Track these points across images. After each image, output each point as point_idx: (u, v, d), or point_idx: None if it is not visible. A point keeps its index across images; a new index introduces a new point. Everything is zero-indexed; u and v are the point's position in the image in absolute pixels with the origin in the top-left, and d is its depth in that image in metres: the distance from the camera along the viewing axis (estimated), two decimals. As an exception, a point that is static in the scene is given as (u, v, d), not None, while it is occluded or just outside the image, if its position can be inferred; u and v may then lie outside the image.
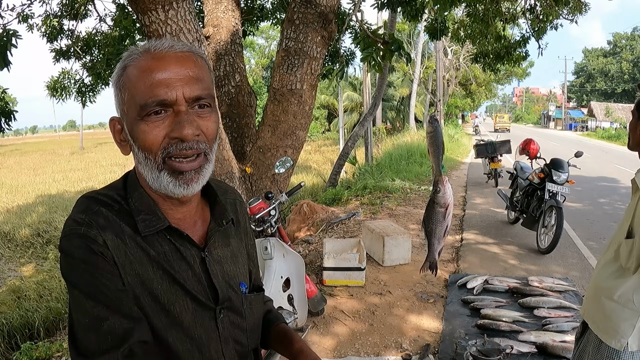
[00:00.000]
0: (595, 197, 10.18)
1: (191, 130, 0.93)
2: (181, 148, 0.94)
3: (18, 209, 15.39)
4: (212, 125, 0.98)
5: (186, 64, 0.94)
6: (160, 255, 0.98)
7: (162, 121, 0.93)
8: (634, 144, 1.92)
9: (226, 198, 1.17)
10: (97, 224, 0.93)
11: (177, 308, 0.98)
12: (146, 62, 0.93)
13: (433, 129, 1.57)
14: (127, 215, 0.98)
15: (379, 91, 13.82)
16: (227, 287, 1.08)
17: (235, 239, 1.16)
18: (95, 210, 0.95)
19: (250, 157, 4.49)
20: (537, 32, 8.39)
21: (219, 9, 4.77)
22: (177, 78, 0.92)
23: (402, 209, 8.98)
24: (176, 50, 0.95)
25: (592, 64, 61.37)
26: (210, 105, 0.98)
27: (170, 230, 1.01)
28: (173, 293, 0.98)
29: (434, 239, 1.65)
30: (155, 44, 0.95)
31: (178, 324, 0.99)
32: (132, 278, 0.94)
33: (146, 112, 0.92)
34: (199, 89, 0.94)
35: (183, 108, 0.93)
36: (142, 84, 0.92)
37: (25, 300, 6.77)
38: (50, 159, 34.89)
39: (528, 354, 3.43)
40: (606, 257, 1.96)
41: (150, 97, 0.91)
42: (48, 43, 7.92)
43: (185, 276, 1.00)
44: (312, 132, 38.77)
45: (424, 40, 31.22)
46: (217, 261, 1.07)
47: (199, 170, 0.97)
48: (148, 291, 0.96)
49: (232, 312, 1.08)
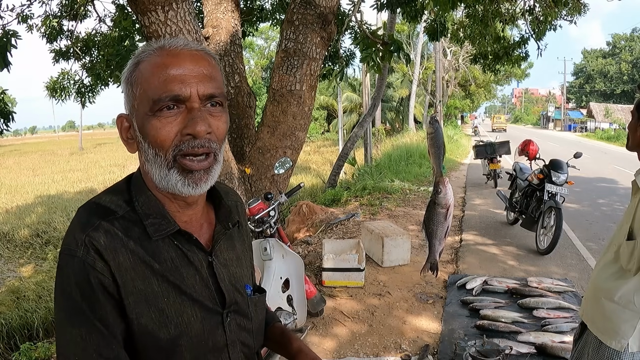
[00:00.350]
0: (595, 198, 10.18)
1: (204, 127, 0.92)
2: (193, 145, 0.92)
3: (17, 209, 15.39)
4: (223, 125, 0.98)
5: (200, 62, 0.94)
6: (165, 265, 0.97)
7: (175, 117, 0.92)
8: (634, 145, 1.92)
9: (228, 200, 1.16)
10: (97, 243, 0.90)
11: (185, 318, 0.98)
12: (161, 59, 0.93)
13: (434, 130, 1.57)
14: (132, 222, 0.96)
15: (378, 92, 13.82)
16: (234, 290, 1.07)
17: (239, 242, 1.16)
18: (95, 225, 0.92)
19: (249, 158, 4.49)
20: (536, 33, 8.40)
21: (219, 9, 4.78)
22: (192, 75, 0.92)
23: (402, 209, 8.98)
24: (191, 49, 0.95)
25: (591, 64, 61.36)
26: (222, 105, 0.98)
27: (177, 234, 0.99)
28: (180, 304, 0.97)
29: (435, 240, 1.65)
30: (170, 42, 0.95)
31: (186, 334, 0.98)
32: (135, 297, 0.93)
33: (159, 106, 0.91)
34: (212, 87, 0.94)
35: (196, 105, 0.93)
36: (156, 79, 0.92)
37: (24, 300, 6.76)
38: (49, 159, 34.85)
39: (527, 355, 3.43)
40: (606, 259, 1.96)
41: (164, 92, 0.91)
42: (48, 43, 7.92)
43: (193, 282, 1.00)
44: (312, 133, 38.79)
45: (423, 41, 31.23)
46: (223, 265, 1.07)
47: (208, 170, 0.96)
48: (153, 306, 0.95)
49: (238, 315, 1.08)
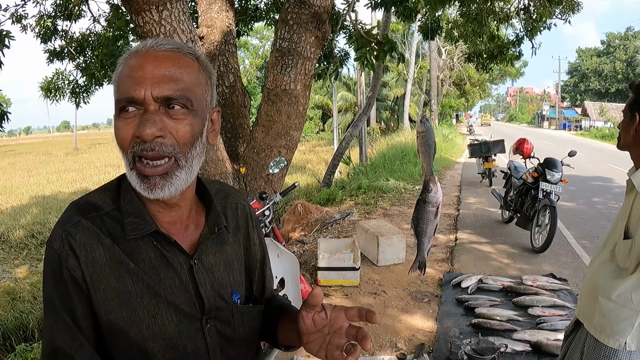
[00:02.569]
0: (589, 196, 10.23)
1: (151, 130, 0.88)
2: (142, 149, 0.90)
3: (12, 210, 15.30)
4: (184, 128, 0.92)
5: (162, 63, 0.91)
6: (143, 265, 0.96)
7: (133, 119, 0.90)
8: (625, 144, 1.92)
9: (226, 202, 1.14)
10: (72, 239, 0.94)
11: (158, 320, 0.97)
12: (131, 60, 0.92)
13: (424, 129, 1.57)
14: (116, 220, 0.97)
15: (373, 91, 13.83)
16: (216, 296, 1.04)
17: (233, 246, 1.12)
18: (75, 222, 0.95)
19: (244, 158, 4.49)
20: (530, 31, 8.42)
21: (213, 9, 4.76)
22: (149, 77, 0.89)
23: (397, 208, 8.99)
24: (159, 49, 0.93)
25: (586, 63, 61.63)
26: (186, 107, 0.93)
27: (157, 235, 0.98)
28: (154, 305, 0.97)
29: (424, 239, 1.66)
30: (146, 42, 0.94)
31: (160, 336, 0.97)
32: (105, 293, 0.94)
33: (119, 107, 0.91)
34: (170, 89, 0.90)
35: (151, 107, 0.90)
36: (122, 81, 0.92)
37: (19, 302, 6.72)
38: (44, 160, 34.71)
39: (522, 353, 3.44)
40: (601, 257, 1.96)
41: (123, 94, 0.91)
42: (42, 44, 7.88)
43: (171, 285, 0.98)
44: (306, 133, 38.80)
45: (417, 40, 31.28)
46: (207, 269, 1.04)
47: (165, 176, 0.92)
48: (126, 305, 0.95)
49: (219, 322, 1.05)
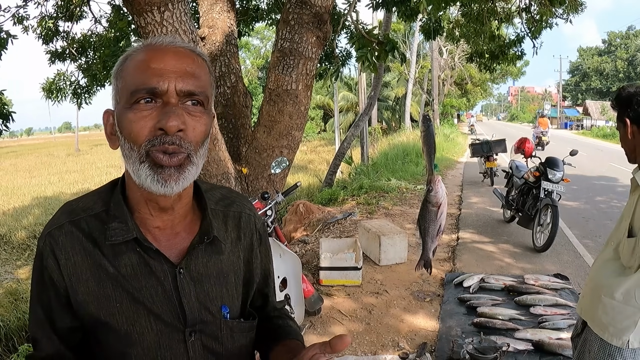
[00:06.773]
0: (591, 196, 10.21)
1: (176, 122, 0.87)
2: (163, 141, 0.88)
3: (14, 211, 15.34)
4: (200, 127, 0.92)
5: (183, 59, 0.92)
6: (124, 270, 0.95)
7: (150, 111, 0.89)
8: (630, 152, 1.90)
9: (229, 210, 1.10)
10: (54, 242, 0.96)
11: (137, 328, 0.95)
12: (145, 54, 0.92)
13: (425, 128, 1.57)
14: (102, 222, 0.97)
15: (374, 91, 13.82)
16: (202, 308, 1.00)
17: (230, 257, 1.07)
18: (60, 224, 0.97)
19: (246, 158, 4.49)
20: (532, 31, 8.41)
21: (215, 10, 4.77)
22: (172, 70, 0.89)
23: (398, 208, 8.99)
24: (176, 45, 0.93)
25: (587, 62, 61.58)
26: (202, 105, 0.93)
27: (140, 242, 0.96)
28: (134, 312, 0.95)
29: (428, 238, 1.66)
30: (158, 39, 0.94)
31: (138, 344, 0.95)
32: (85, 296, 0.95)
33: (135, 98, 0.89)
34: (192, 84, 0.91)
35: (173, 100, 0.89)
36: (137, 72, 0.90)
37: (22, 302, 6.73)
38: (46, 161, 34.74)
39: (524, 352, 3.44)
40: (605, 256, 1.97)
41: (141, 84, 0.88)
42: (43, 45, 7.91)
43: (152, 293, 0.96)
44: (308, 133, 38.78)
45: (419, 39, 31.24)
46: (195, 279, 1.00)
47: (179, 168, 0.90)
48: (105, 309, 0.95)
49: (206, 336, 1.00)
